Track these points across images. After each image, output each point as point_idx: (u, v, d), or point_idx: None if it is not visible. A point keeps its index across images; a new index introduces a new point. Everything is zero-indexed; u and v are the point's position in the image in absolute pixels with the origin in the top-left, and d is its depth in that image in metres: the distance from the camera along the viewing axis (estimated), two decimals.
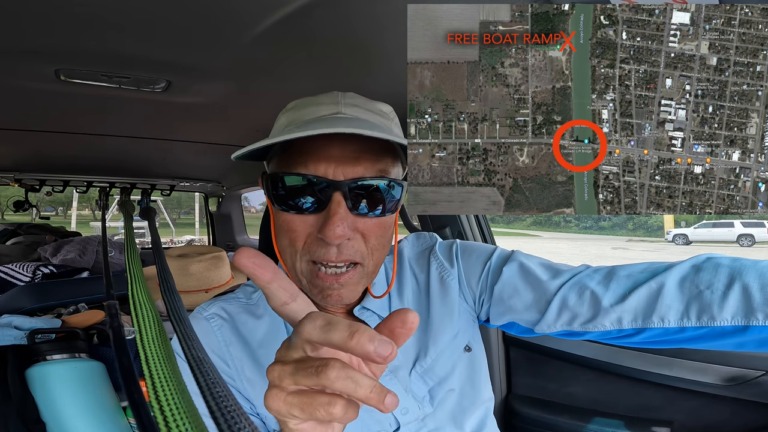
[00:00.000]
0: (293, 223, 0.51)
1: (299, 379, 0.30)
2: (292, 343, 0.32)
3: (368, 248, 0.52)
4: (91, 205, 15.61)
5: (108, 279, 0.73)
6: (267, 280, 0.33)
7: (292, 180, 0.50)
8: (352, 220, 0.50)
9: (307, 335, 0.30)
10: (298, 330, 0.31)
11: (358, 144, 0.50)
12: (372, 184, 0.50)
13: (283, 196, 0.51)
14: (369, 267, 0.53)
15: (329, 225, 0.47)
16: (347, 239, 0.50)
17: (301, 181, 0.50)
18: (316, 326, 0.30)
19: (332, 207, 0.48)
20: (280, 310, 0.35)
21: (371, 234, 0.52)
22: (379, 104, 0.57)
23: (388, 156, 0.53)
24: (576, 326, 0.55)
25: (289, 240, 0.52)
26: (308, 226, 0.51)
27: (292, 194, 0.50)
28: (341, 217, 0.48)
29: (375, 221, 0.52)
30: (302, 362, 0.31)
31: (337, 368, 0.29)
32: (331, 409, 0.29)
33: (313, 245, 0.50)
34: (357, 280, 0.52)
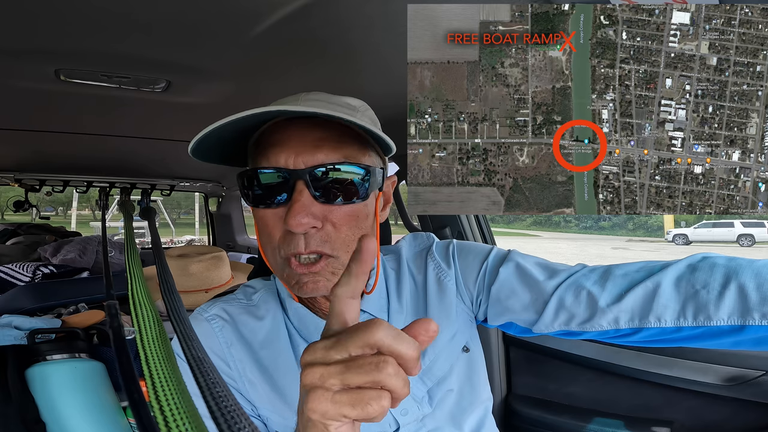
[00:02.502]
0: (265, 218, 0.52)
1: (349, 377, 0.31)
2: (339, 345, 0.32)
3: (341, 239, 0.51)
4: (91, 205, 15.61)
5: (108, 279, 0.73)
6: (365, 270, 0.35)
7: (255, 175, 0.50)
8: (319, 209, 0.49)
9: (380, 340, 0.31)
10: (369, 333, 0.31)
11: (319, 132, 0.50)
12: (336, 169, 0.49)
13: (251, 193, 0.51)
14: (344, 259, 0.51)
15: (290, 214, 0.47)
16: (314, 228, 0.49)
17: (264, 174, 0.50)
18: (389, 335, 0.31)
19: (294, 196, 0.48)
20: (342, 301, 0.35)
21: (342, 224, 0.51)
22: (347, 98, 0.56)
23: (353, 143, 0.52)
24: (573, 326, 0.55)
25: (265, 236, 0.53)
26: (278, 219, 0.50)
27: (258, 189, 0.51)
28: (302, 205, 0.47)
29: (346, 210, 0.51)
30: (353, 361, 0.31)
31: (395, 365, 0.31)
32: (383, 402, 0.30)
33: (285, 238, 0.50)
34: (331, 270, 0.51)
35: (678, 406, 0.98)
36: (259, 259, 0.85)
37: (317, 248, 0.50)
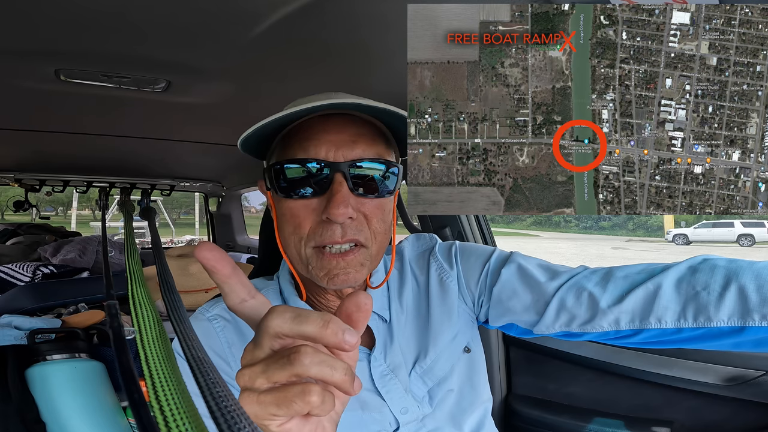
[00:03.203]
0: (296, 209, 0.52)
1: (272, 375, 0.29)
2: (257, 343, 0.31)
3: (371, 230, 0.53)
4: (91, 205, 15.61)
5: (108, 279, 0.72)
6: (226, 274, 0.32)
7: (293, 166, 0.52)
8: (354, 201, 0.51)
9: (278, 328, 0.29)
10: (265, 325, 0.30)
11: (355, 128, 0.52)
12: (370, 165, 0.52)
13: (285, 184, 0.52)
14: (372, 250, 0.54)
15: (333, 204, 0.49)
16: (350, 219, 0.51)
17: (302, 166, 0.51)
18: (286, 318, 0.29)
19: (334, 187, 0.50)
20: (238, 308, 0.33)
21: (373, 216, 0.53)
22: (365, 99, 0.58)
23: (382, 141, 0.54)
24: (574, 327, 0.56)
25: (293, 227, 0.53)
26: (311, 210, 0.52)
27: (294, 181, 0.52)
28: (344, 195, 0.49)
29: (375, 203, 0.53)
30: (271, 357, 0.30)
31: (310, 353, 0.28)
32: (308, 398, 0.28)
33: (318, 228, 0.51)
34: (361, 261, 0.53)
35: (678, 406, 0.98)
36: (260, 259, 0.85)
37: (353, 236, 0.51)
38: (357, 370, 0.57)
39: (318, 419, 0.31)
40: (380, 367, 0.59)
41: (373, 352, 0.59)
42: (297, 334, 0.29)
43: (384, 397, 0.57)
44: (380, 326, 0.61)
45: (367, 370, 0.58)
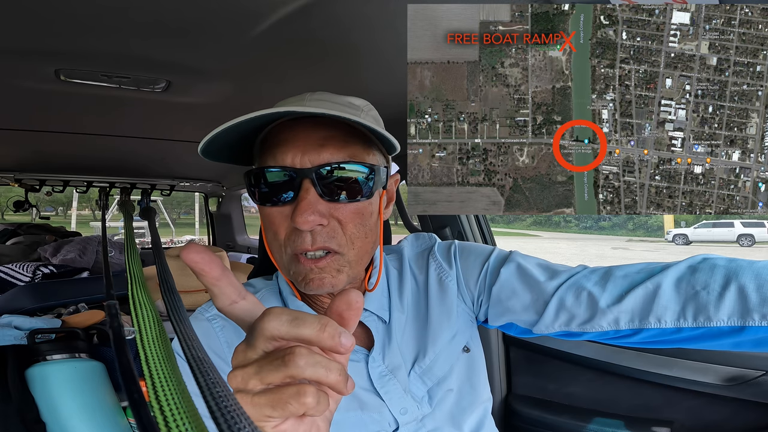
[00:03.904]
0: (272, 215, 0.52)
1: (265, 376, 0.29)
2: (249, 345, 0.30)
3: (346, 236, 0.52)
4: (91, 205, 15.61)
5: (108, 279, 0.72)
6: (215, 276, 0.31)
7: (262, 174, 0.51)
8: (325, 207, 0.50)
9: (274, 330, 0.29)
10: (261, 327, 0.29)
11: (324, 131, 0.51)
12: (341, 168, 0.50)
13: (258, 192, 0.52)
14: (349, 256, 0.53)
15: (298, 211, 0.48)
16: (320, 225, 0.50)
17: (271, 173, 0.51)
18: (283, 321, 0.29)
19: (301, 194, 0.49)
20: (228, 310, 0.33)
21: (348, 221, 0.52)
22: (351, 98, 0.57)
23: (358, 142, 0.53)
24: (574, 327, 0.55)
25: (272, 233, 0.53)
26: (285, 217, 0.51)
27: (265, 188, 0.51)
28: (309, 203, 0.48)
29: (351, 208, 0.52)
30: (265, 359, 0.29)
31: (305, 354, 0.28)
32: (303, 399, 0.28)
33: (292, 235, 0.51)
34: (337, 267, 0.52)
35: (678, 406, 0.98)
36: (260, 259, 0.85)
37: (324, 244, 0.50)
38: (355, 371, 0.57)
39: (312, 419, 0.31)
40: (379, 368, 0.58)
41: (371, 353, 0.59)
42: (294, 337, 0.29)
43: (383, 398, 0.57)
44: (379, 327, 0.61)
45: (365, 371, 0.58)
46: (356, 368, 0.58)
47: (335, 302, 0.32)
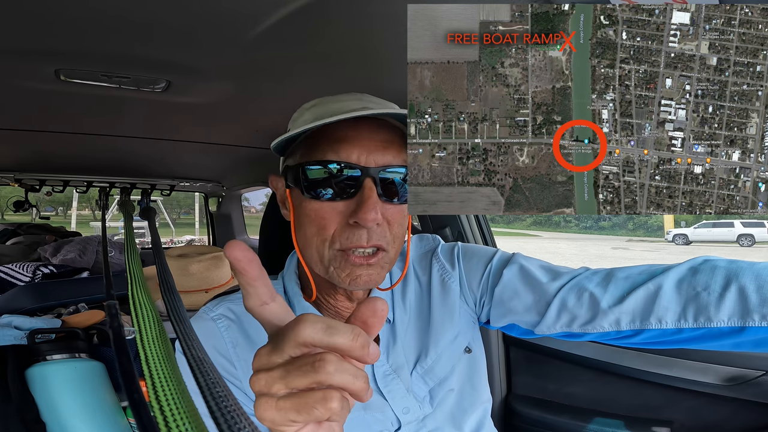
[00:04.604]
0: (322, 210, 0.52)
1: (292, 381, 0.29)
2: (276, 348, 0.30)
3: (392, 234, 0.54)
4: (91, 205, 15.61)
5: (108, 279, 0.73)
6: (253, 276, 0.32)
7: (323, 168, 0.52)
8: (380, 206, 0.51)
9: (308, 338, 0.29)
10: (295, 333, 0.29)
11: (385, 133, 0.53)
12: (398, 171, 0.53)
13: (313, 185, 0.52)
14: (391, 253, 0.55)
15: (364, 209, 0.49)
16: (377, 224, 0.51)
17: (333, 168, 0.51)
18: (318, 329, 0.29)
19: (365, 192, 0.50)
20: (257, 311, 0.33)
21: (394, 220, 0.54)
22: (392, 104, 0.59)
23: (404, 146, 0.55)
24: (575, 328, 0.56)
25: (317, 228, 0.53)
26: (338, 213, 0.52)
27: (321, 182, 0.52)
28: (374, 201, 0.50)
29: (398, 208, 0.54)
30: (291, 363, 0.30)
31: (335, 362, 0.29)
32: (329, 405, 0.28)
33: (345, 232, 0.52)
34: (383, 264, 0.54)
35: (678, 406, 0.98)
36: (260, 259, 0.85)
37: (377, 242, 0.52)
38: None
39: (329, 424, 0.31)
40: (383, 368, 0.59)
41: None
42: (327, 345, 0.29)
43: (386, 397, 0.57)
44: (384, 327, 0.61)
45: (369, 371, 0.58)
46: None
47: (361, 309, 0.32)
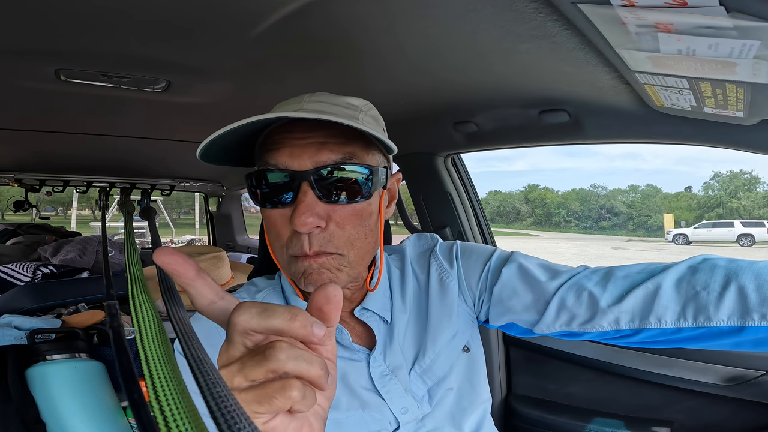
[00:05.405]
0: (273, 217, 0.52)
1: (249, 372, 0.28)
2: (230, 342, 0.30)
3: (344, 237, 0.51)
4: (91, 205, 15.61)
5: (108, 279, 0.72)
6: (191, 277, 0.31)
7: (262, 175, 0.51)
8: (323, 209, 0.50)
9: (245, 324, 0.29)
10: (233, 322, 0.29)
11: (322, 132, 0.50)
12: (340, 169, 0.50)
13: (258, 193, 0.52)
14: (350, 256, 0.52)
15: (296, 214, 0.48)
16: (318, 228, 0.49)
17: (270, 174, 0.50)
18: (253, 314, 0.29)
19: (299, 197, 0.49)
20: (207, 310, 0.33)
21: (346, 222, 0.51)
22: (349, 98, 0.56)
23: (357, 142, 0.52)
24: (574, 327, 0.55)
25: (275, 235, 0.53)
26: (286, 219, 0.51)
27: (265, 189, 0.51)
28: (307, 205, 0.48)
29: (349, 209, 0.51)
30: (247, 355, 0.29)
31: (285, 348, 0.28)
32: (288, 393, 0.27)
33: (292, 238, 0.51)
34: (337, 265, 0.52)
35: (678, 406, 0.98)
36: (260, 259, 0.85)
37: (320, 248, 0.50)
38: (357, 370, 0.57)
39: (303, 416, 0.31)
40: (380, 368, 0.59)
41: (373, 353, 0.59)
42: (265, 328, 0.29)
43: (384, 397, 0.57)
44: (381, 327, 0.61)
45: (366, 371, 0.58)
46: (357, 368, 0.58)
47: (313, 297, 0.31)
